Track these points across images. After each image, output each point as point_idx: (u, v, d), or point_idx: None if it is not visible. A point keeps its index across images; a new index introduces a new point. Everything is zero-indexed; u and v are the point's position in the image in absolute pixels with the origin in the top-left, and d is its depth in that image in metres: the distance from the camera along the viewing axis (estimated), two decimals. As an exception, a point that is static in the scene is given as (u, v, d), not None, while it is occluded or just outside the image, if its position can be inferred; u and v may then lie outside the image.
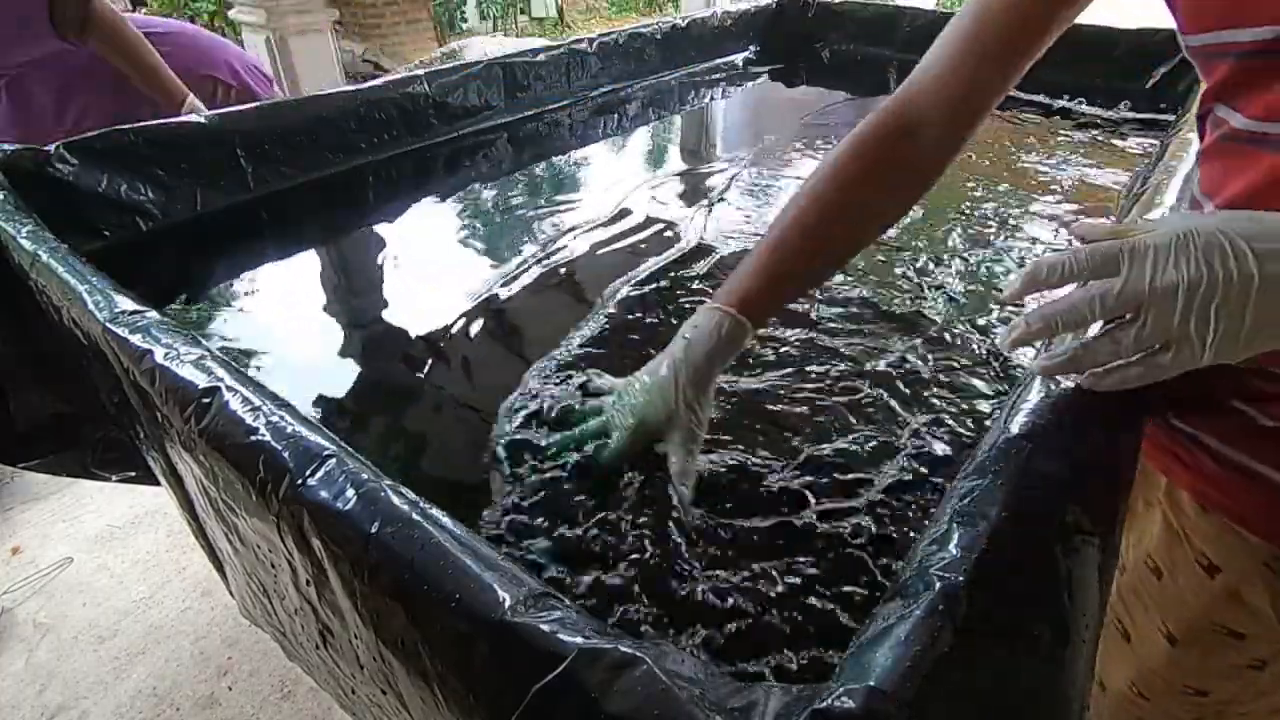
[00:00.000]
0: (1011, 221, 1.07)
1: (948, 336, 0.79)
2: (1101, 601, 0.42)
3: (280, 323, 0.85)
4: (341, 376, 0.76)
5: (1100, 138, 1.40)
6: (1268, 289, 0.35)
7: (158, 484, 0.75)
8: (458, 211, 1.15)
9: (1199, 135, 0.53)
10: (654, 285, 0.89)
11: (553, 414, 0.63)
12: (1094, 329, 0.43)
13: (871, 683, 0.28)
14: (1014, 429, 0.43)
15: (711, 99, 1.70)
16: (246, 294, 0.91)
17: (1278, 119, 0.43)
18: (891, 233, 0.85)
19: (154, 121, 1.02)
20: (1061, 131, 1.44)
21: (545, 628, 0.31)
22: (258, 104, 1.14)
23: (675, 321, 0.79)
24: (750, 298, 0.57)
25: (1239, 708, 0.65)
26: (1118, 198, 1.13)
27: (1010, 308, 0.83)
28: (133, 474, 0.94)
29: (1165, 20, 0.50)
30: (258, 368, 0.77)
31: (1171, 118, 1.34)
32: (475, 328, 0.83)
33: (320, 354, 0.79)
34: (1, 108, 1.38)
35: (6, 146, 0.90)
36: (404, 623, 0.35)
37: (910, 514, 0.56)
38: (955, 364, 0.74)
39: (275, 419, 0.45)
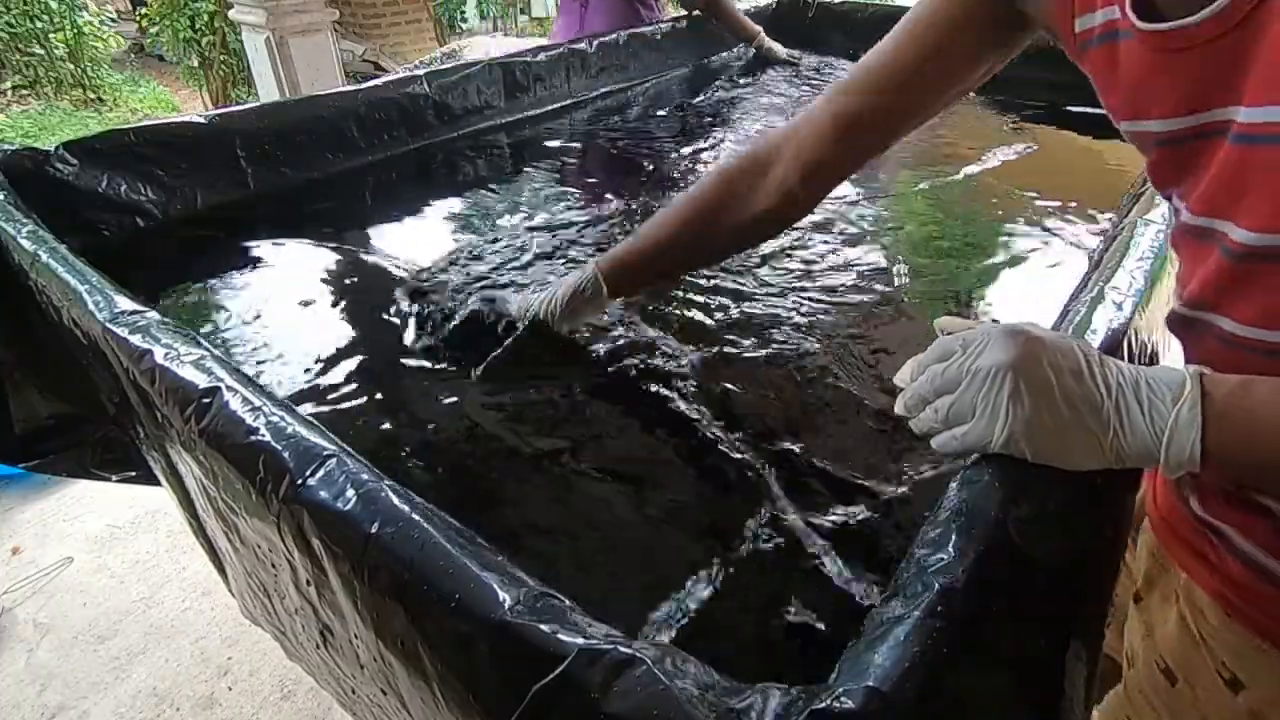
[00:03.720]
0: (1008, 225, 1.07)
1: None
2: (1102, 602, 0.42)
3: (280, 323, 0.85)
4: (342, 376, 0.76)
5: (1101, 136, 1.40)
6: (1064, 398, 0.40)
7: (158, 484, 0.75)
8: (458, 211, 1.14)
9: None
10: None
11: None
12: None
13: (870, 683, 0.28)
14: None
15: (711, 99, 1.70)
16: (247, 294, 0.91)
17: (1213, 214, 0.43)
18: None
19: (154, 121, 1.02)
20: (1064, 131, 1.43)
21: (545, 628, 0.31)
22: (258, 104, 1.14)
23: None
24: (616, 269, 0.71)
25: None
26: (1118, 200, 1.13)
27: None
28: (133, 474, 0.94)
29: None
30: (258, 368, 0.77)
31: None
32: (475, 325, 0.83)
33: (320, 354, 0.79)
34: (566, 22, 1.91)
35: (6, 146, 0.90)
36: (404, 623, 0.35)
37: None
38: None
39: (275, 419, 0.45)
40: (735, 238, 0.71)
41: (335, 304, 0.89)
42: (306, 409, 0.71)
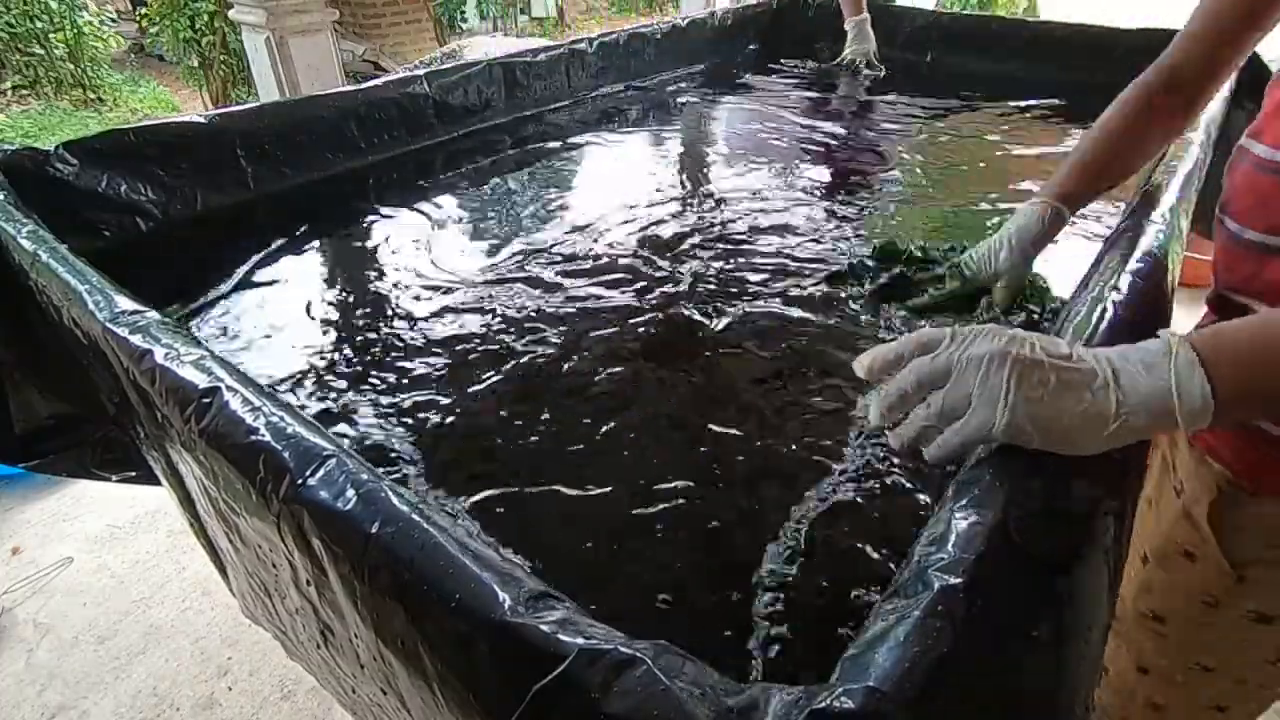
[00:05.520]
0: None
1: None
2: (1107, 602, 0.42)
3: (280, 323, 0.85)
4: (341, 376, 0.76)
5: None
6: (1059, 377, 0.41)
7: (158, 484, 0.75)
8: (457, 212, 1.14)
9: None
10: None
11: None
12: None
13: (870, 683, 0.28)
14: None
15: (710, 99, 1.70)
16: (246, 294, 0.91)
17: None
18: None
19: (154, 121, 1.02)
20: (1069, 132, 1.43)
21: (545, 628, 0.31)
22: (258, 104, 1.14)
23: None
24: (1066, 193, 0.80)
25: (1193, 651, 0.73)
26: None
27: None
28: (133, 474, 0.94)
29: (1165, 20, 0.50)
30: (258, 368, 0.77)
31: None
32: (474, 327, 0.83)
33: (320, 354, 0.79)
34: None
35: (6, 146, 0.90)
36: (404, 623, 0.35)
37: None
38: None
39: (275, 419, 0.45)
40: (1144, 155, 0.84)
41: (335, 304, 0.89)
42: (306, 409, 0.71)
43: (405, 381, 0.74)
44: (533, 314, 0.85)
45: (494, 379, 0.74)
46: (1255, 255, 0.61)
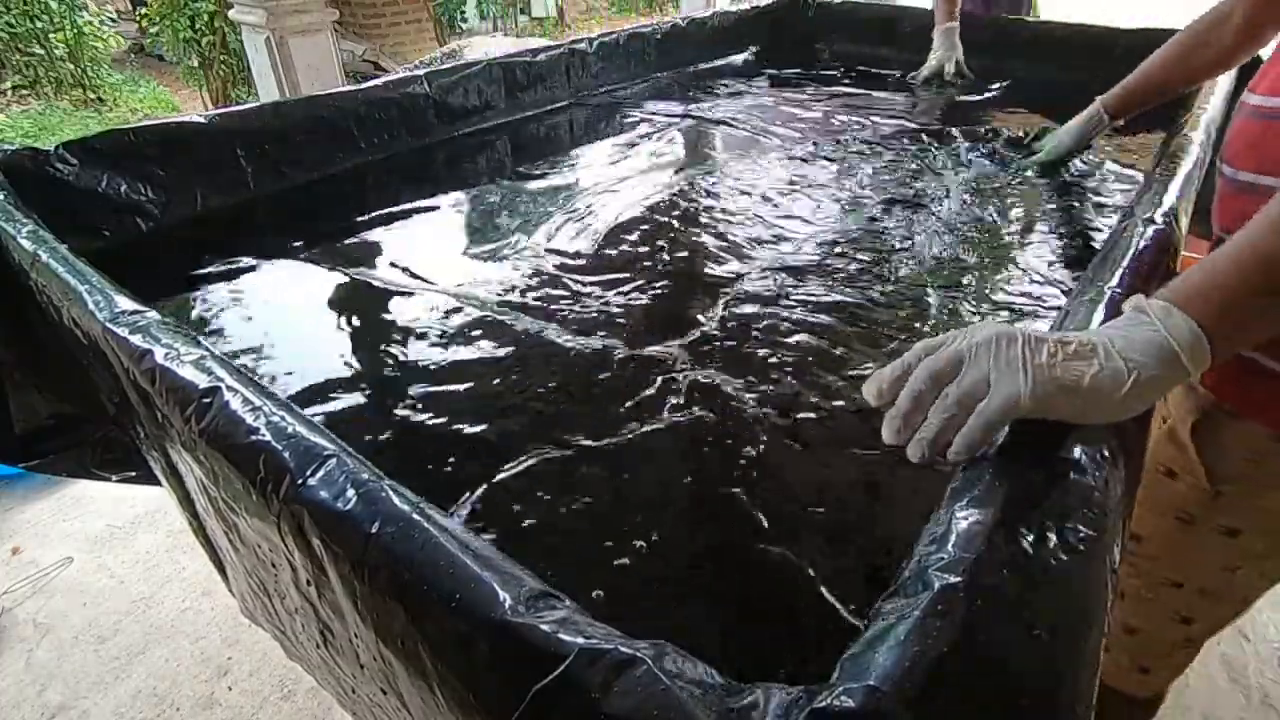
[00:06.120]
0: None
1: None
2: (1107, 601, 0.42)
3: (280, 323, 0.85)
4: (341, 376, 0.76)
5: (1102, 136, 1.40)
6: (1064, 350, 0.43)
7: (158, 484, 0.75)
8: (457, 211, 1.15)
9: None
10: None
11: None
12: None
13: (871, 682, 0.28)
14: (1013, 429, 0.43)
15: (711, 99, 1.69)
16: (246, 294, 0.91)
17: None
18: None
19: (154, 121, 1.02)
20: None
21: (545, 628, 0.31)
22: (258, 104, 1.14)
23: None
24: (1113, 101, 1.11)
25: (1164, 568, 0.79)
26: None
27: None
28: (133, 474, 0.94)
29: (1165, 20, 0.50)
30: (257, 368, 0.77)
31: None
32: (474, 327, 0.83)
33: (320, 354, 0.79)
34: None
35: (6, 146, 0.90)
36: (404, 623, 0.35)
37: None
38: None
39: (275, 419, 0.45)
40: (1206, 73, 1.03)
41: (335, 303, 0.89)
42: (306, 409, 0.71)
43: (405, 381, 0.74)
44: (534, 313, 0.85)
45: (495, 379, 0.74)
46: (1246, 195, 0.67)
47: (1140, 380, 0.42)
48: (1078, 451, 0.42)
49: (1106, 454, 0.43)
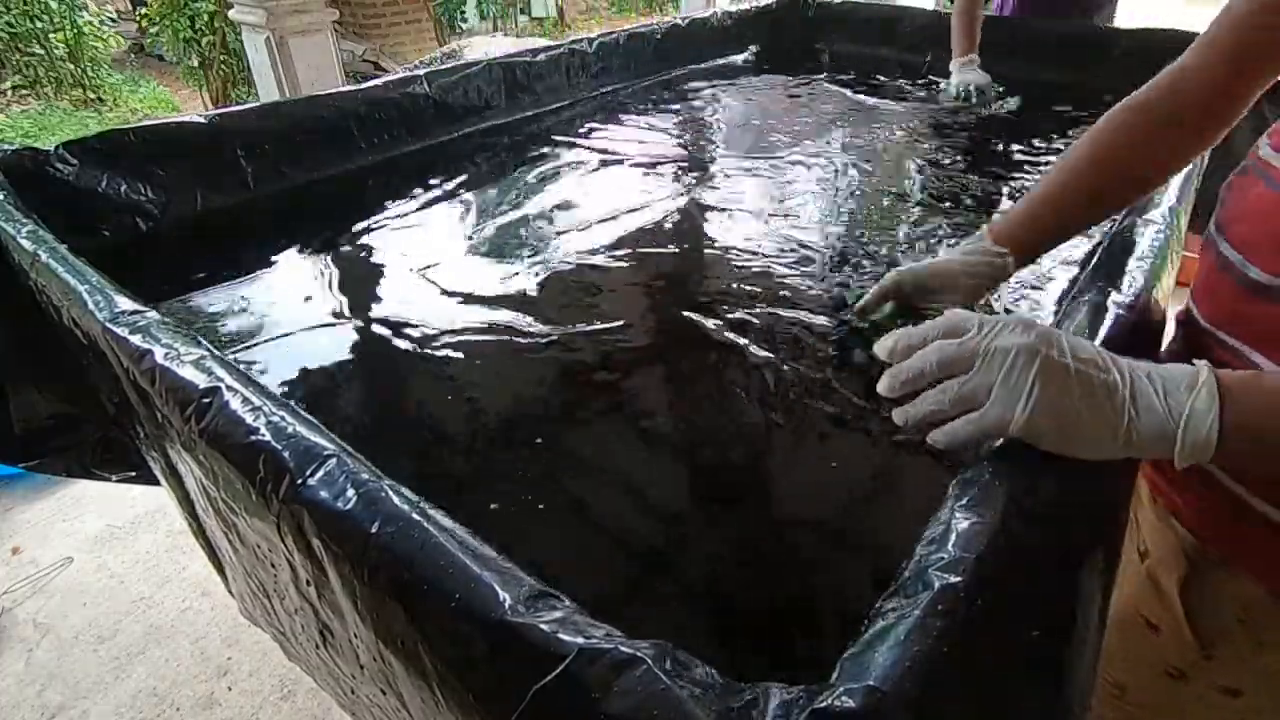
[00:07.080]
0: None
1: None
2: (1103, 603, 0.42)
3: (280, 323, 0.85)
4: (342, 376, 0.76)
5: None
6: (1080, 383, 0.40)
7: (158, 484, 0.75)
8: (457, 211, 1.14)
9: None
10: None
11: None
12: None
13: (871, 682, 0.28)
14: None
15: (711, 99, 1.69)
16: (246, 294, 0.91)
17: None
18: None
19: (154, 121, 1.02)
20: (1067, 132, 1.43)
21: (545, 628, 0.31)
22: (258, 104, 1.14)
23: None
24: (1013, 233, 0.69)
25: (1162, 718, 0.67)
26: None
27: None
28: (133, 474, 0.94)
29: (1164, 20, 0.50)
30: (257, 368, 0.77)
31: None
32: (474, 327, 0.83)
33: (321, 354, 0.79)
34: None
35: (6, 146, 0.90)
36: (404, 623, 0.35)
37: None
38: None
39: (275, 419, 0.45)
40: (1140, 189, 0.70)
41: (335, 303, 0.89)
42: (306, 409, 0.70)
43: (405, 380, 0.74)
44: (533, 313, 0.85)
45: (495, 379, 0.74)
46: (1259, 299, 0.51)
47: (1126, 447, 0.40)
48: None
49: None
